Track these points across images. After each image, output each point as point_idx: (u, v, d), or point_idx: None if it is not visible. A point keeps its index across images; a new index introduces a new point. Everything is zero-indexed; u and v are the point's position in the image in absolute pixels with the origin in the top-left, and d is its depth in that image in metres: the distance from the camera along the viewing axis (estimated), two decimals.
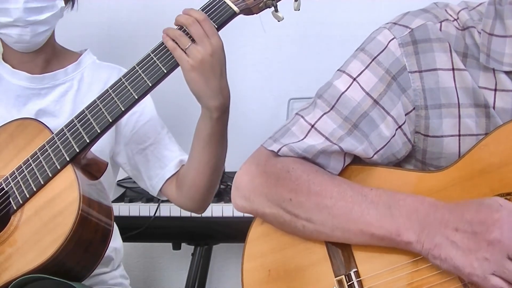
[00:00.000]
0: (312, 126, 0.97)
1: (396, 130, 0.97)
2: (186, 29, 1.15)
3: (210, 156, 1.26)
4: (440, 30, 0.96)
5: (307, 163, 0.97)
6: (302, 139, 0.97)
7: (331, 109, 0.97)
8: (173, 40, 1.15)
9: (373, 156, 0.96)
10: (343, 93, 0.97)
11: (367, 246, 0.91)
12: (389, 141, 0.97)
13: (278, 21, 1.18)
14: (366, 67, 0.97)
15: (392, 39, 0.97)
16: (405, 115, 0.96)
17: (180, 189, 1.34)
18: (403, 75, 0.96)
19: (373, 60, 0.97)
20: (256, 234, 0.99)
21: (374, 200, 0.90)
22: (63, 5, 1.34)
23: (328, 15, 1.95)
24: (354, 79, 0.97)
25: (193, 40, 1.14)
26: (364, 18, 1.88)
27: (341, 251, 0.92)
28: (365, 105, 0.96)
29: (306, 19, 1.86)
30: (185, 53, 1.14)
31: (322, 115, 0.97)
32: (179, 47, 1.15)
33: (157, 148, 1.38)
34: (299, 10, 1.18)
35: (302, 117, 0.99)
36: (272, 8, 1.17)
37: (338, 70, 1.00)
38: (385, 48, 0.97)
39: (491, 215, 0.83)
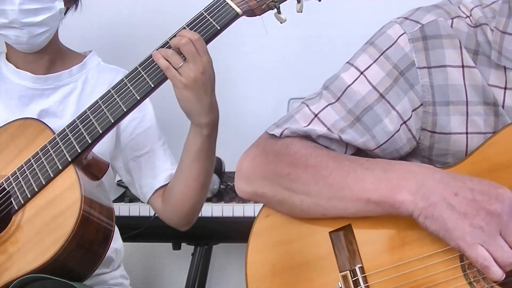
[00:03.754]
0: (316, 115, 0.97)
1: (401, 125, 0.96)
2: (180, 49, 1.14)
3: (199, 171, 1.27)
4: (451, 26, 0.96)
5: (307, 140, 0.97)
6: (304, 127, 0.97)
7: (336, 100, 0.97)
8: (165, 59, 1.15)
9: (374, 149, 0.97)
10: (349, 86, 0.97)
11: (373, 242, 0.90)
12: (392, 136, 0.96)
13: (281, 23, 1.17)
14: (374, 61, 0.97)
15: (402, 34, 0.96)
16: (412, 111, 0.96)
17: (167, 202, 1.34)
18: (411, 70, 0.95)
19: (381, 54, 0.97)
20: (261, 227, 0.98)
21: (370, 166, 0.90)
22: (63, 6, 1.33)
23: (329, 16, 1.95)
24: (362, 73, 0.97)
25: (184, 59, 1.14)
26: (365, 19, 1.88)
27: (347, 246, 0.92)
28: (370, 99, 0.96)
29: (307, 20, 1.85)
30: (178, 71, 1.14)
31: (327, 106, 0.97)
32: (172, 66, 1.14)
33: (151, 158, 1.38)
34: (301, 12, 1.18)
35: (307, 106, 0.99)
36: (275, 10, 1.16)
37: (346, 62, 1.00)
38: (394, 43, 0.96)
39: (495, 189, 0.82)
